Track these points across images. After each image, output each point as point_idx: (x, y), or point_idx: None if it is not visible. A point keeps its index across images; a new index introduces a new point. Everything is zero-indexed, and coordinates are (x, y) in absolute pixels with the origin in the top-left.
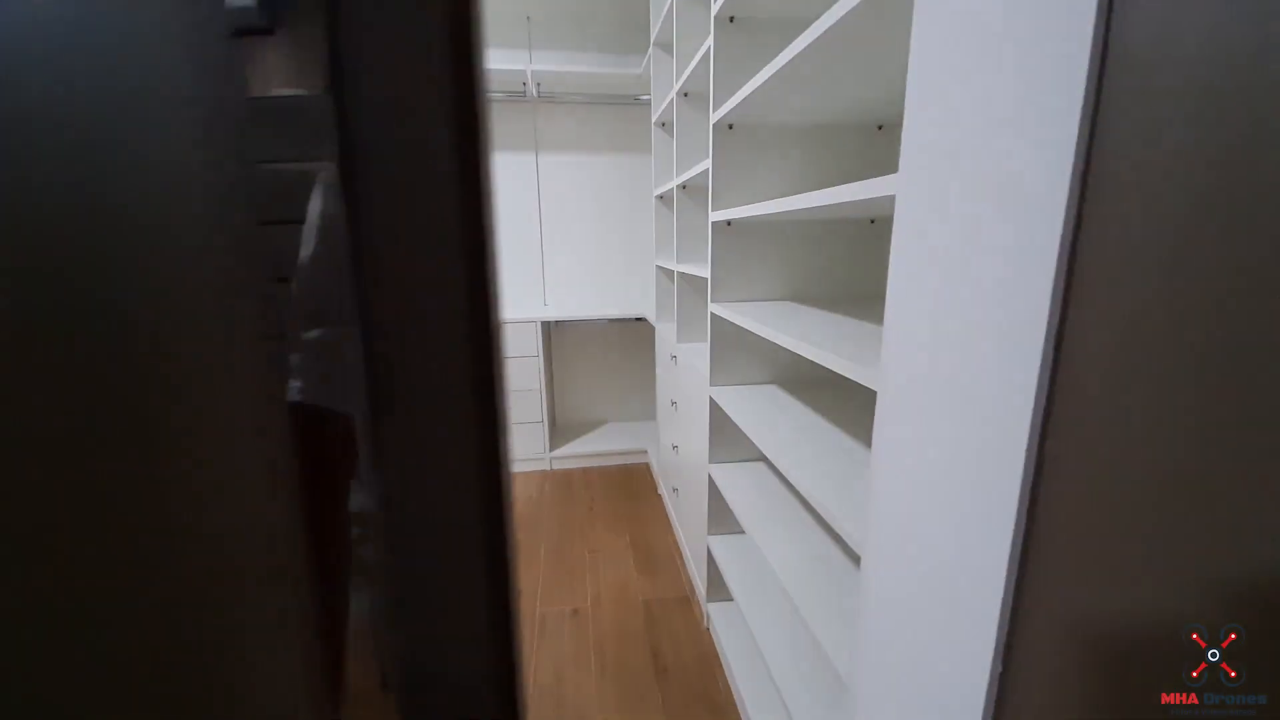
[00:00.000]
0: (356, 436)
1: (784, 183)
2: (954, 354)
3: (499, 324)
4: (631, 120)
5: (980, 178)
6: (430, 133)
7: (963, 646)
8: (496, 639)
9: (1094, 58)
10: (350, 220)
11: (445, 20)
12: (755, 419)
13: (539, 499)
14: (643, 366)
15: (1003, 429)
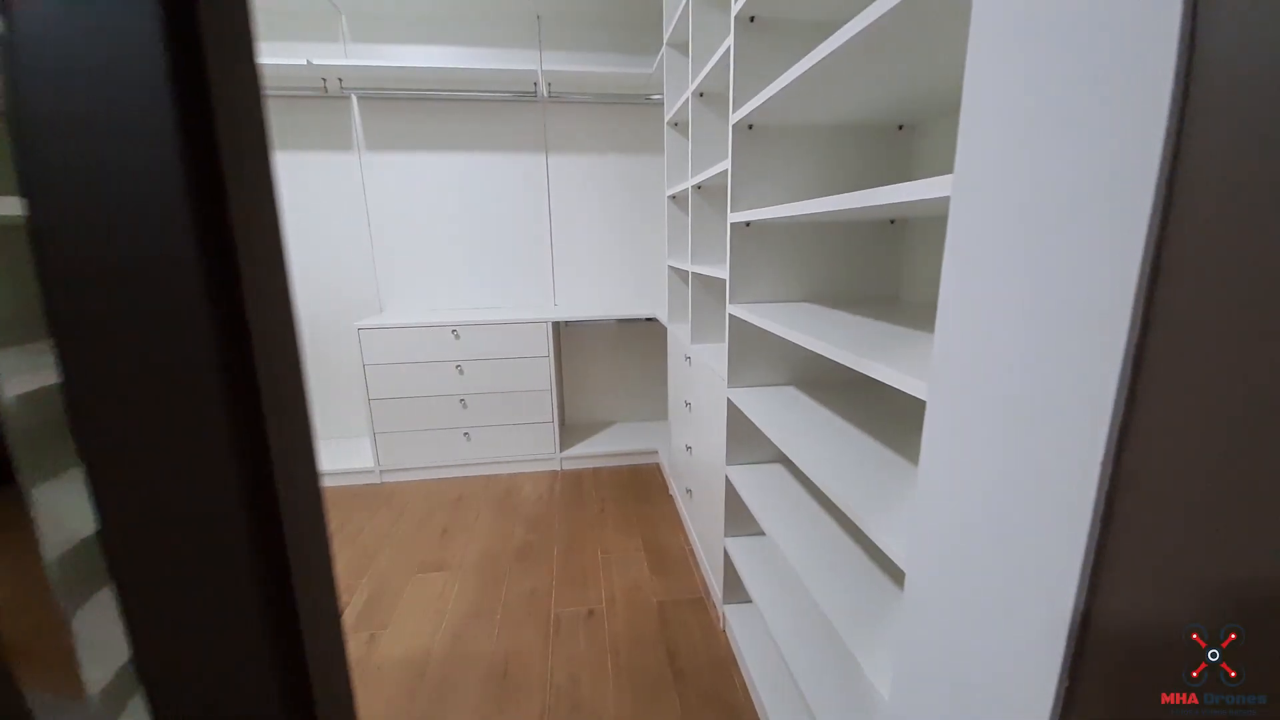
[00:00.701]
0: None
1: (803, 183)
2: (1018, 363)
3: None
4: (642, 120)
5: (1050, 178)
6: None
7: (1025, 665)
8: (262, 655)
9: (1182, 47)
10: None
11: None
12: (776, 421)
13: (549, 499)
14: (653, 367)
15: (1076, 442)
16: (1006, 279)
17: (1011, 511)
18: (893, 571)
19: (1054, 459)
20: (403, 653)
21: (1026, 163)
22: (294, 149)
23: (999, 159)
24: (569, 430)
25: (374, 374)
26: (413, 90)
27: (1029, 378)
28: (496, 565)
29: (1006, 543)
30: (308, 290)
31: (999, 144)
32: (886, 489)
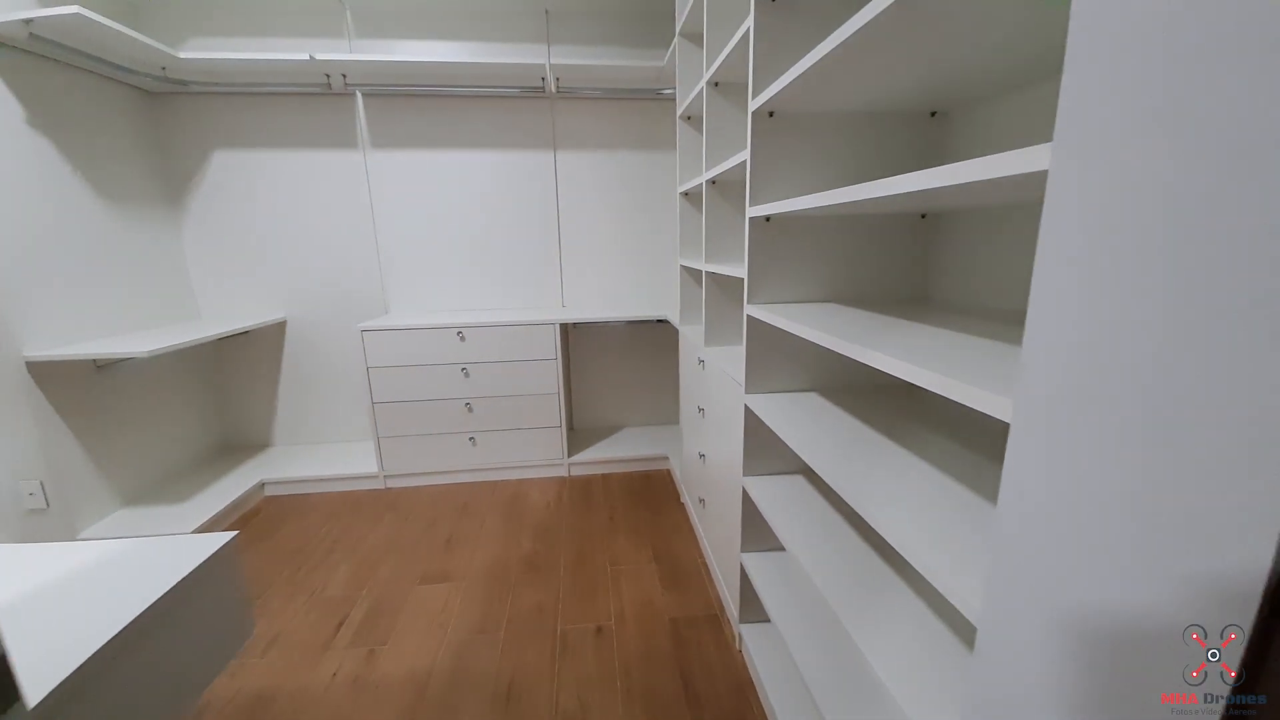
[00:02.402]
0: None
1: (827, 175)
2: (1147, 380)
3: None
4: (653, 115)
5: (1201, 141)
6: None
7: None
8: None
9: None
10: None
11: None
12: (799, 431)
13: (557, 506)
14: (664, 370)
15: (1234, 477)
16: (1142, 271)
17: (1140, 561)
18: (932, 598)
19: (1200, 497)
20: (402, 671)
21: (1173, 116)
22: (298, 147)
23: (1127, 115)
24: (577, 435)
25: (377, 377)
26: (418, 86)
27: (1176, 393)
28: (502, 577)
29: (1130, 595)
30: (311, 291)
31: (1129, 93)
32: (936, 515)
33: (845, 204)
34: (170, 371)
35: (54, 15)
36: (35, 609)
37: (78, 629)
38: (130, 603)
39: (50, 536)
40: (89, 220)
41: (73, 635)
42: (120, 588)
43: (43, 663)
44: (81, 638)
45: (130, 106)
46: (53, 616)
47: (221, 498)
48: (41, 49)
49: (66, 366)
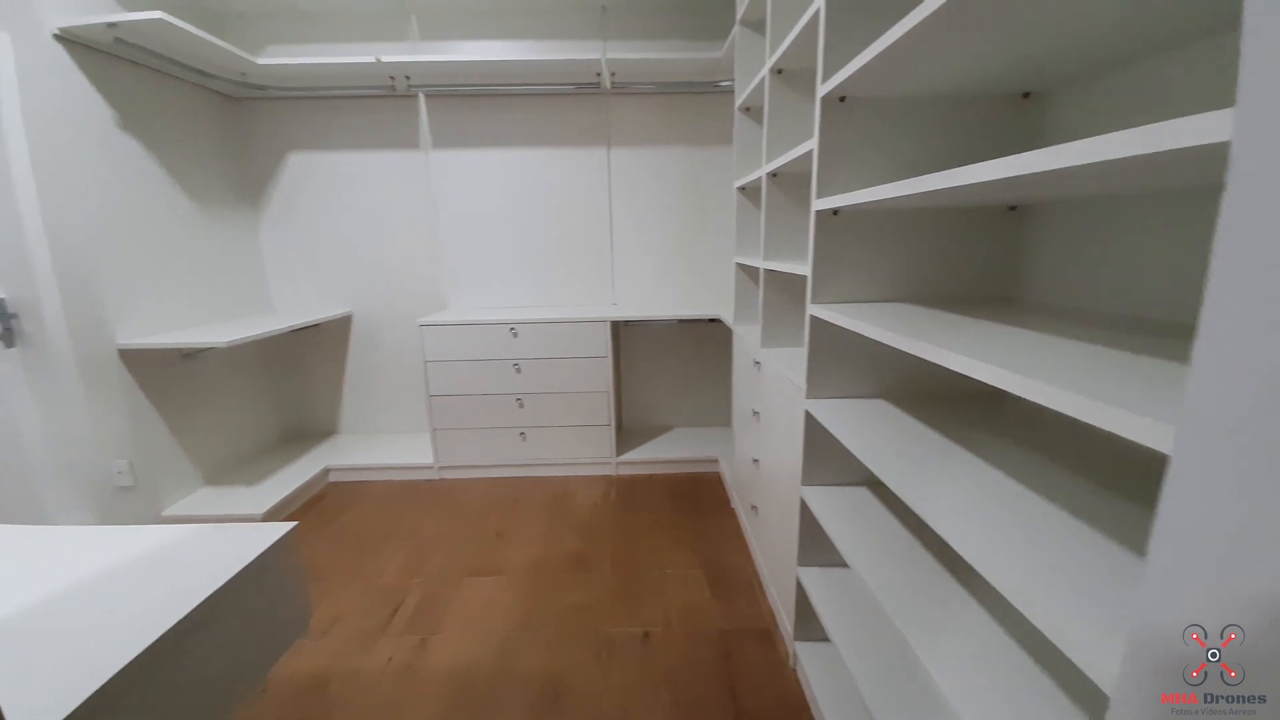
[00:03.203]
0: None
1: (903, 163)
2: None
3: None
4: (709, 109)
5: None
6: None
7: None
8: None
9: None
10: None
11: None
12: (865, 439)
13: (604, 505)
14: (715, 371)
15: None
16: None
17: None
18: (1008, 622)
19: None
20: (451, 662)
21: None
22: (365, 149)
23: None
24: (626, 434)
25: (434, 370)
26: (476, 86)
27: None
28: (548, 574)
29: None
30: (375, 286)
31: None
32: (1042, 549)
33: (924, 195)
34: (247, 361)
35: (137, 20)
36: (104, 593)
37: (140, 616)
38: (191, 592)
39: (136, 512)
40: (176, 219)
41: (135, 623)
42: (183, 576)
43: (105, 648)
44: (141, 626)
45: (213, 110)
46: (120, 602)
47: (290, 482)
48: (127, 53)
49: (155, 354)
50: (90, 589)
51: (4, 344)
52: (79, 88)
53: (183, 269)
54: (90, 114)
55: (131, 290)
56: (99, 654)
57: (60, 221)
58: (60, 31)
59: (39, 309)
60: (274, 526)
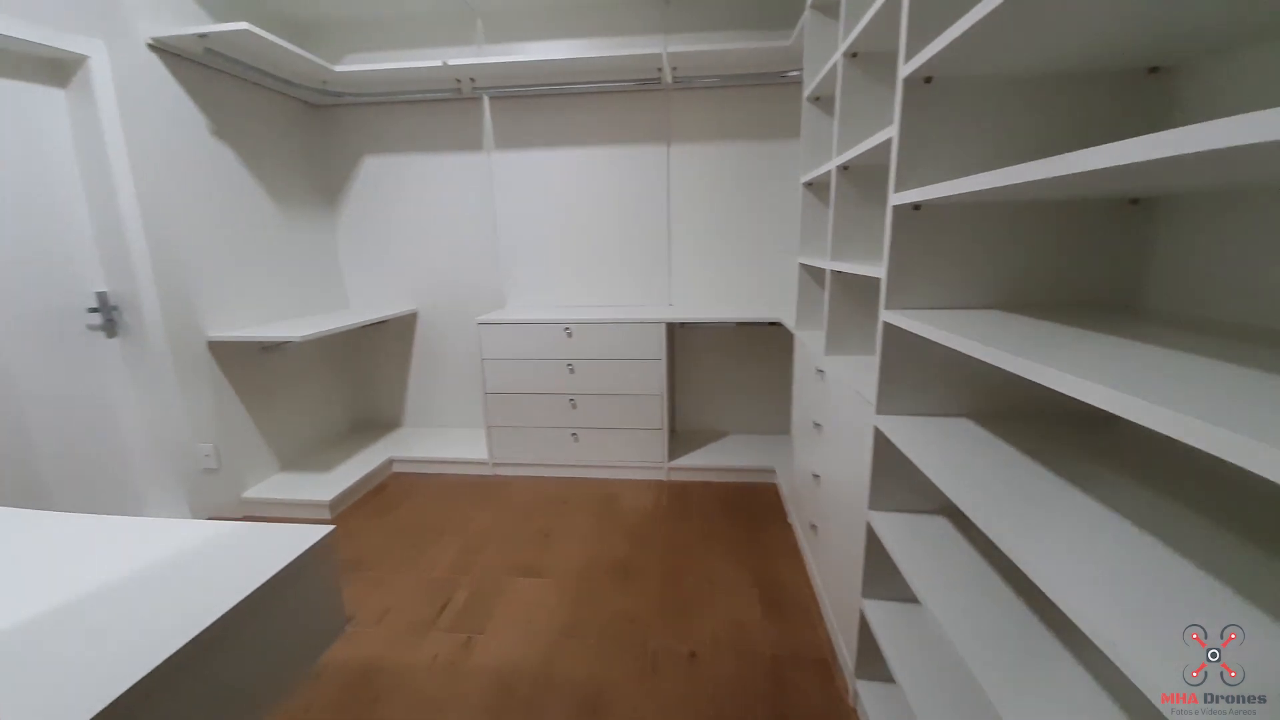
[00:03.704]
0: None
1: (1000, 150)
2: None
3: None
4: (775, 101)
5: None
6: None
7: None
8: None
9: None
10: None
11: None
12: (946, 463)
13: (653, 511)
14: (775, 377)
15: None
16: None
17: None
18: (1105, 675)
19: None
20: (493, 664)
21: None
22: (432, 151)
23: None
24: (679, 439)
25: (490, 368)
26: (538, 86)
27: None
28: (594, 579)
29: None
30: (439, 284)
31: None
32: (1161, 607)
33: (1024, 186)
34: (321, 354)
35: (225, 30)
36: (135, 593)
37: (169, 619)
38: (223, 595)
39: (220, 493)
40: (261, 220)
41: (161, 627)
42: (217, 577)
43: (130, 653)
44: (168, 631)
45: (297, 117)
46: (150, 604)
47: (356, 471)
48: (217, 63)
49: (238, 347)
50: (121, 588)
51: (106, 334)
52: (175, 96)
53: (267, 267)
54: (186, 121)
55: (220, 286)
56: (122, 659)
57: (157, 221)
58: (154, 41)
59: (138, 302)
60: (311, 529)
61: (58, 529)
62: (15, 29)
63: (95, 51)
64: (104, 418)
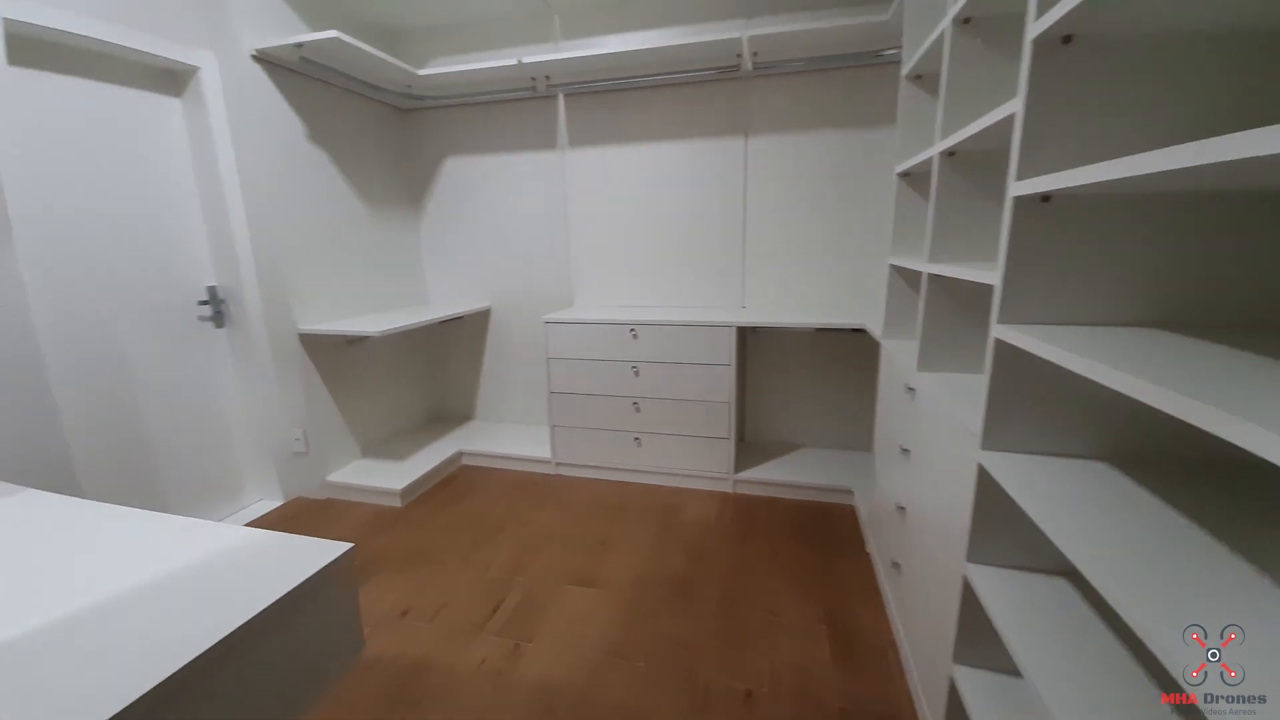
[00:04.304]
0: None
1: (1158, 128)
2: None
3: None
4: (865, 85)
5: None
6: None
7: None
8: None
9: None
10: None
11: None
12: (1070, 516)
13: (715, 526)
14: (856, 388)
15: None
16: None
17: None
18: None
19: None
20: (538, 676)
21: None
22: (509, 150)
23: None
24: (747, 449)
25: (555, 367)
26: (613, 80)
27: None
28: (648, 595)
29: None
30: (511, 282)
31: None
32: None
33: (1195, 171)
34: (401, 348)
35: (318, 38)
36: (143, 605)
37: (174, 634)
38: (233, 612)
39: (307, 475)
40: (351, 220)
41: (166, 643)
42: (226, 592)
43: (128, 673)
44: (171, 649)
45: (385, 121)
46: (156, 617)
47: (428, 461)
48: (313, 71)
49: (326, 339)
50: (130, 599)
51: (214, 325)
52: (275, 103)
53: (354, 264)
54: (285, 126)
55: (312, 281)
56: (120, 678)
57: (259, 219)
58: (257, 52)
59: (241, 296)
60: (329, 546)
61: (74, 516)
62: (137, 41)
63: (206, 63)
64: (210, 401)
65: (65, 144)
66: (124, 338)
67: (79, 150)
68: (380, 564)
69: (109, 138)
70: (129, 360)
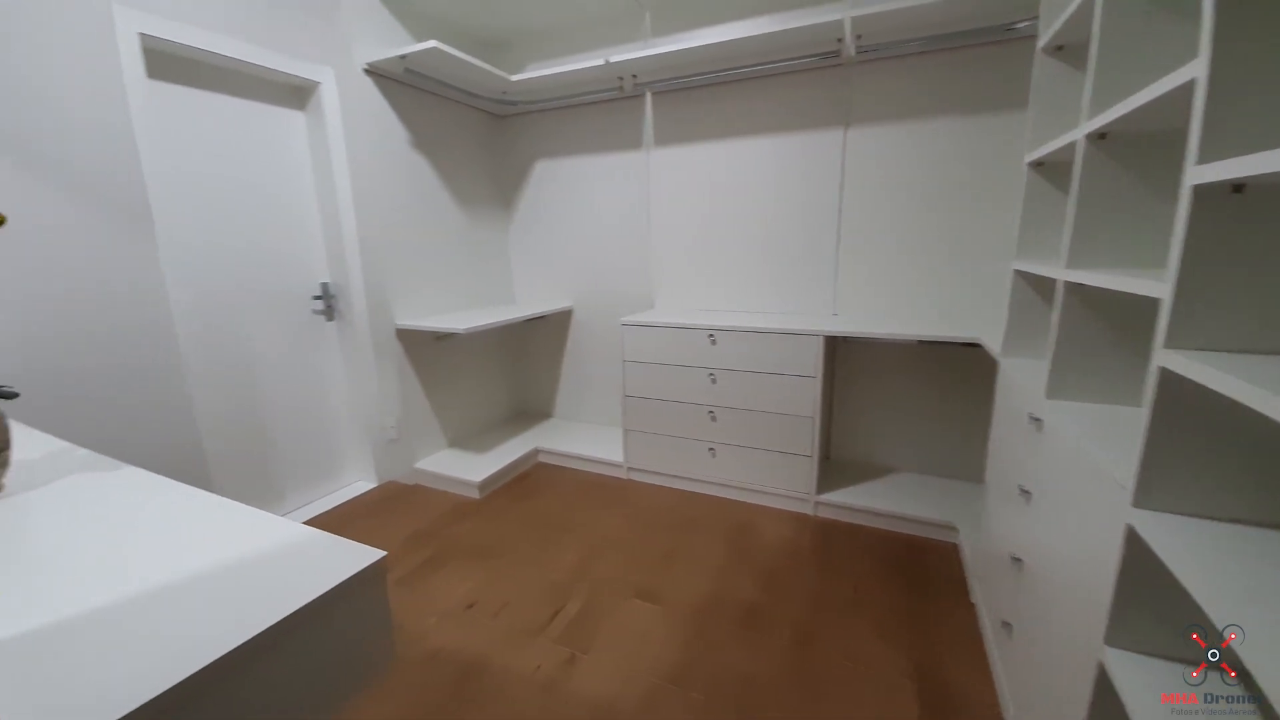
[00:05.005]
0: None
1: None
2: None
3: None
4: (987, 65)
5: None
6: None
7: None
8: None
9: None
10: None
11: None
12: (1258, 614)
13: (792, 550)
14: (964, 409)
15: None
16: None
17: None
18: None
19: None
20: (591, 694)
21: None
22: (595, 152)
23: None
24: (832, 469)
25: (631, 370)
26: (702, 75)
27: None
28: (714, 620)
29: None
30: (592, 283)
31: None
32: None
33: None
34: (487, 345)
35: (419, 50)
36: (165, 598)
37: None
38: (260, 612)
39: (398, 461)
40: (446, 222)
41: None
42: (249, 591)
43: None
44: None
45: (481, 127)
46: (176, 614)
47: (506, 456)
48: (415, 81)
49: (418, 334)
50: (154, 594)
51: (326, 318)
52: (383, 113)
53: (447, 263)
54: (390, 135)
55: (408, 280)
56: (140, 674)
57: (365, 222)
58: (368, 65)
59: (349, 292)
60: (361, 552)
61: (151, 492)
62: (270, 60)
63: (325, 78)
64: (319, 389)
65: (206, 152)
66: (249, 328)
67: (217, 158)
68: (454, 553)
69: (245, 147)
70: (252, 349)
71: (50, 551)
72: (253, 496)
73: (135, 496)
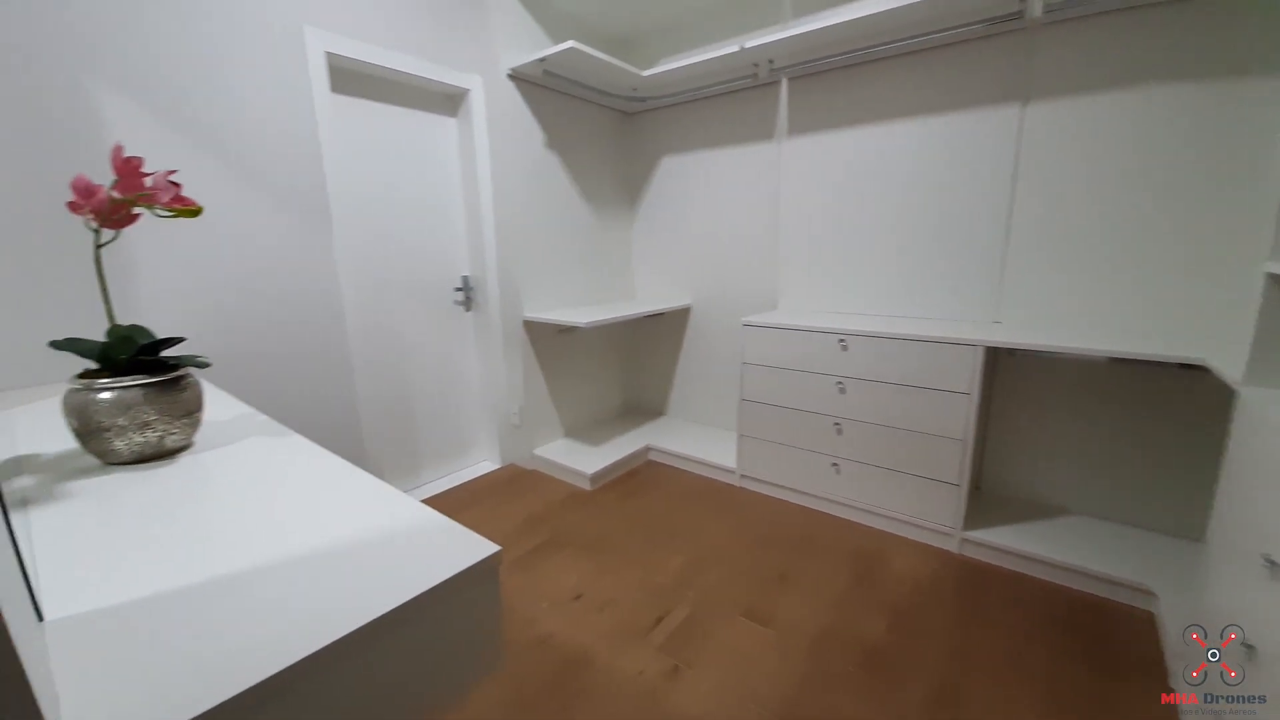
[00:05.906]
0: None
1: None
2: None
3: None
4: (1220, 21)
5: None
6: None
7: None
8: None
9: None
10: None
11: None
12: None
13: (931, 591)
14: (1172, 446)
15: None
16: None
17: None
18: None
19: None
20: (694, 713)
21: None
22: (724, 145)
23: None
24: (984, 501)
25: (750, 373)
26: (845, 54)
27: None
28: (832, 656)
29: None
30: (713, 280)
31: None
32: None
33: None
34: (606, 339)
35: (557, 51)
36: (282, 575)
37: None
38: (376, 600)
39: (520, 446)
40: (575, 218)
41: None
42: (361, 579)
43: (265, 650)
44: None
45: (611, 126)
46: (287, 596)
47: (618, 451)
48: (552, 83)
49: (543, 327)
50: (291, 563)
51: (465, 309)
52: (523, 116)
53: (573, 258)
54: (528, 136)
55: (537, 274)
56: (254, 655)
57: (502, 219)
58: (512, 71)
59: (485, 285)
60: (477, 544)
61: (305, 459)
62: (430, 71)
63: (474, 85)
64: (457, 374)
65: (372, 157)
66: (403, 318)
67: (380, 162)
68: (565, 541)
69: (405, 152)
70: (404, 337)
71: (215, 510)
72: (396, 469)
73: (297, 461)
